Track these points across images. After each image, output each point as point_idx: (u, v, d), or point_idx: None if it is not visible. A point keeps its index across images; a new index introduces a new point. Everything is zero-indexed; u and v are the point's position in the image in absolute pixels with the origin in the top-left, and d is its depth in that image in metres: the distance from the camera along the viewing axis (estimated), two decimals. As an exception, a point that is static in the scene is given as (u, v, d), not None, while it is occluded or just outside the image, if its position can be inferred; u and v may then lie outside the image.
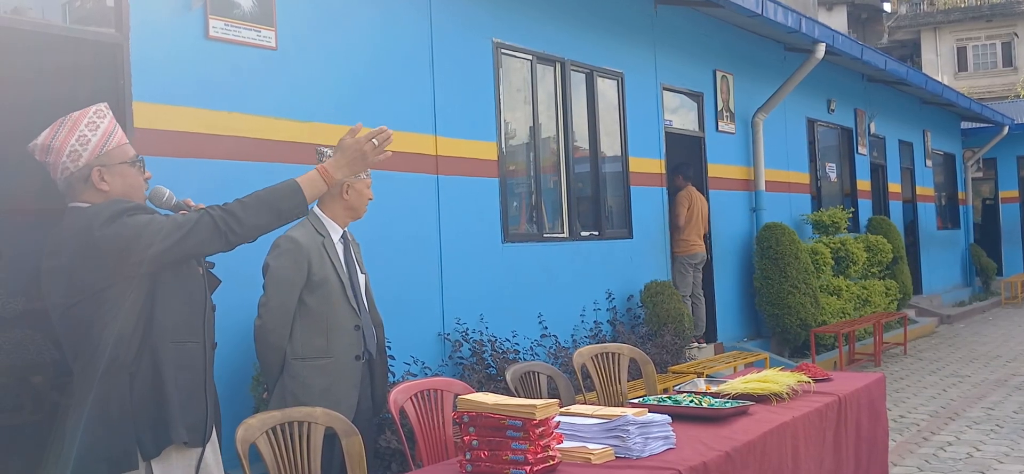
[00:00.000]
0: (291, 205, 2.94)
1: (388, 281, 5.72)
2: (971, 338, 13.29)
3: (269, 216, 2.91)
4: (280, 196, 2.92)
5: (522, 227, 7.74)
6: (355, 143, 2.98)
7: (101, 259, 2.70)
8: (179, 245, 2.78)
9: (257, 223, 2.88)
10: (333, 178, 2.98)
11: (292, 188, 2.95)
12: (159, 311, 2.78)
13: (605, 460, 3.00)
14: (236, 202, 2.87)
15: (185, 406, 2.80)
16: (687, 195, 9.62)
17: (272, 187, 2.94)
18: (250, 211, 2.86)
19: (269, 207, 2.90)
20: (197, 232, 2.80)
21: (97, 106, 2.91)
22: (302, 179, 2.96)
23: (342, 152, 2.99)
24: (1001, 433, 7.02)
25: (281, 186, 2.94)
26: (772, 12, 9.76)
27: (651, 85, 9.35)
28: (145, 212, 2.83)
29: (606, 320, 8.28)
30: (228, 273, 3.27)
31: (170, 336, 2.79)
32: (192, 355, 2.86)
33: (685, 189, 9.69)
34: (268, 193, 2.91)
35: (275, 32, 5.56)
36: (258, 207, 2.88)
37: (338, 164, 2.99)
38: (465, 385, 4.24)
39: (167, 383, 2.75)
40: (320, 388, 3.86)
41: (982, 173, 21.85)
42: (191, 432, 2.80)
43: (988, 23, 41.76)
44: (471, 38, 7.13)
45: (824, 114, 13.18)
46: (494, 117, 7.28)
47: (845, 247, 11.73)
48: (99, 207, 2.76)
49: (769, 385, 4.05)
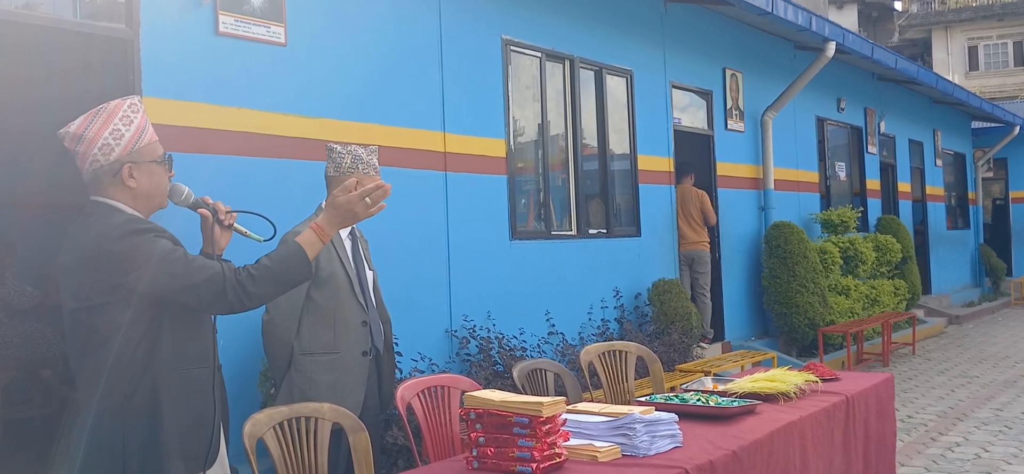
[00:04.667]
0: (299, 275, 2.87)
1: (396, 278, 5.73)
2: (980, 339, 13.24)
3: (276, 287, 2.84)
4: (290, 268, 2.83)
5: (530, 224, 7.74)
6: (347, 200, 2.87)
7: (103, 273, 2.64)
8: (182, 293, 2.69)
9: (264, 295, 2.80)
10: (327, 235, 2.90)
11: (300, 258, 2.84)
12: (166, 339, 2.71)
13: (611, 458, 3.00)
14: (247, 273, 2.76)
15: (186, 438, 2.73)
16: (678, 191, 9.59)
17: (283, 256, 2.83)
18: (261, 284, 2.77)
19: (278, 279, 2.81)
20: (205, 289, 2.70)
21: (131, 99, 2.83)
22: (304, 242, 2.86)
23: (334, 209, 2.88)
24: (1010, 434, 7.00)
25: (290, 255, 2.83)
26: (782, 10, 9.73)
27: (660, 83, 9.34)
28: (165, 236, 2.74)
29: (613, 318, 8.27)
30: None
31: (176, 364, 2.72)
32: (199, 382, 2.79)
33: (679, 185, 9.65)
34: (279, 264, 2.81)
35: (285, 28, 5.57)
36: (268, 279, 2.78)
37: (330, 220, 2.89)
38: (472, 382, 4.24)
39: (165, 415, 2.68)
40: (327, 384, 3.87)
41: (992, 173, 21.75)
42: (191, 461, 2.74)
43: (1000, 22, 41.54)
44: (480, 35, 7.13)
45: (834, 113, 13.14)
46: (503, 114, 7.28)
47: (854, 246, 11.69)
48: (120, 218, 2.69)
49: (777, 384, 4.04)
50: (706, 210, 9.64)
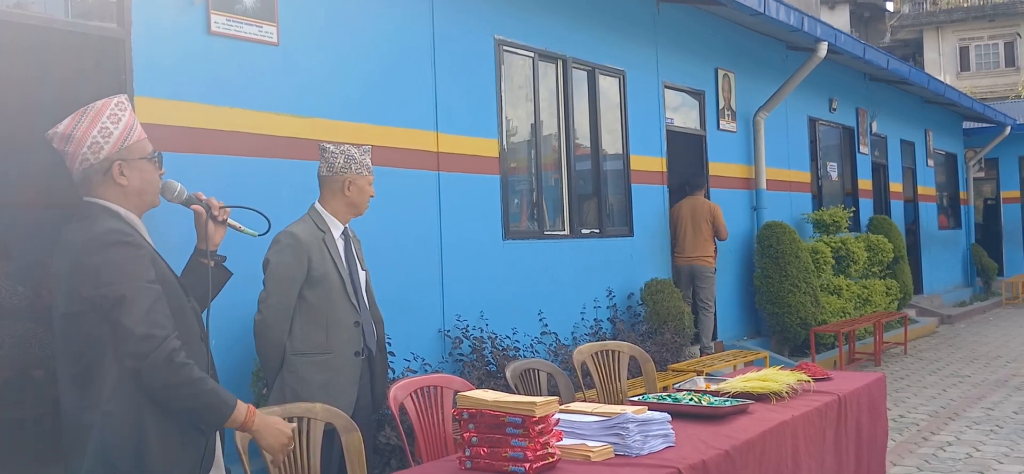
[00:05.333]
0: (210, 416, 2.73)
1: (389, 278, 5.73)
2: (972, 338, 13.29)
3: (188, 410, 2.68)
4: (210, 406, 2.69)
5: (523, 224, 7.75)
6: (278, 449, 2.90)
7: (77, 283, 2.59)
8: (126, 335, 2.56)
9: (179, 405, 2.65)
10: (249, 425, 2.80)
11: (224, 407, 2.72)
12: None
13: (604, 458, 3.01)
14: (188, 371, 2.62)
15: (174, 452, 2.65)
16: (688, 203, 9.54)
17: (217, 391, 2.70)
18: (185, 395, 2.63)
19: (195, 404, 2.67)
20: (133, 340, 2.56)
21: (118, 98, 2.82)
22: (240, 412, 2.75)
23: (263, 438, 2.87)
24: (1001, 433, 7.03)
25: (220, 398, 2.71)
26: (774, 10, 9.75)
27: (653, 83, 9.35)
28: (143, 263, 2.64)
29: (606, 318, 8.28)
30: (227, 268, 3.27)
31: None
32: None
33: (691, 196, 9.60)
34: (208, 396, 2.67)
35: (277, 28, 5.56)
36: (191, 397, 2.64)
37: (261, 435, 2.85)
38: (465, 382, 4.24)
39: (150, 430, 2.61)
40: (319, 384, 3.87)
41: (984, 173, 21.84)
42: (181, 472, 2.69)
43: (991, 23, 41.72)
44: (473, 34, 7.13)
45: (826, 113, 13.17)
46: (496, 114, 7.28)
47: (846, 246, 11.72)
48: (103, 228, 2.65)
49: (769, 384, 4.05)
50: (718, 224, 9.47)
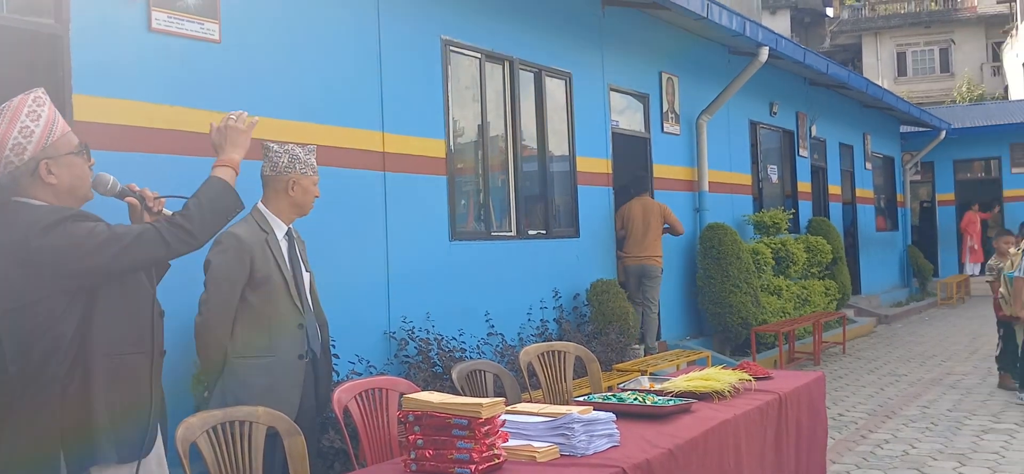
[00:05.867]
0: (230, 204, 3.01)
1: (334, 279, 5.67)
2: (908, 338, 13.61)
3: (216, 218, 2.95)
4: (219, 196, 2.97)
5: (470, 225, 7.74)
6: (220, 131, 3.17)
7: (35, 270, 2.60)
8: (118, 259, 2.70)
9: (206, 230, 2.90)
10: (237, 163, 3.14)
11: (225, 187, 3.00)
12: (98, 323, 2.70)
13: (550, 458, 3.02)
14: (180, 215, 2.85)
15: (118, 423, 2.71)
16: (638, 204, 9.61)
17: (206, 192, 2.96)
18: (196, 221, 2.85)
19: (214, 210, 2.93)
20: (138, 247, 2.74)
21: (35, 93, 2.78)
22: (223, 174, 3.04)
23: (222, 140, 3.16)
24: (936, 431, 7.21)
25: (212, 189, 2.97)
26: (717, 15, 9.89)
27: (598, 85, 9.42)
28: (87, 219, 2.74)
29: (553, 318, 8.31)
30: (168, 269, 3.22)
31: (107, 349, 2.71)
32: (133, 368, 2.77)
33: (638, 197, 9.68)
34: (206, 198, 2.92)
35: (219, 25, 5.48)
36: (202, 215, 2.87)
37: (227, 150, 3.14)
38: (411, 384, 4.23)
39: (96, 400, 2.67)
40: (262, 387, 3.81)
41: (920, 176, 22.42)
42: (124, 448, 2.71)
43: (927, 29, 42.86)
44: (420, 34, 7.10)
45: (766, 117, 13.39)
46: (442, 114, 7.26)
47: (785, 247, 11.93)
48: (39, 213, 2.66)
49: (712, 383, 4.11)
50: (673, 222, 9.60)
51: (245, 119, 3.22)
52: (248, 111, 5.57)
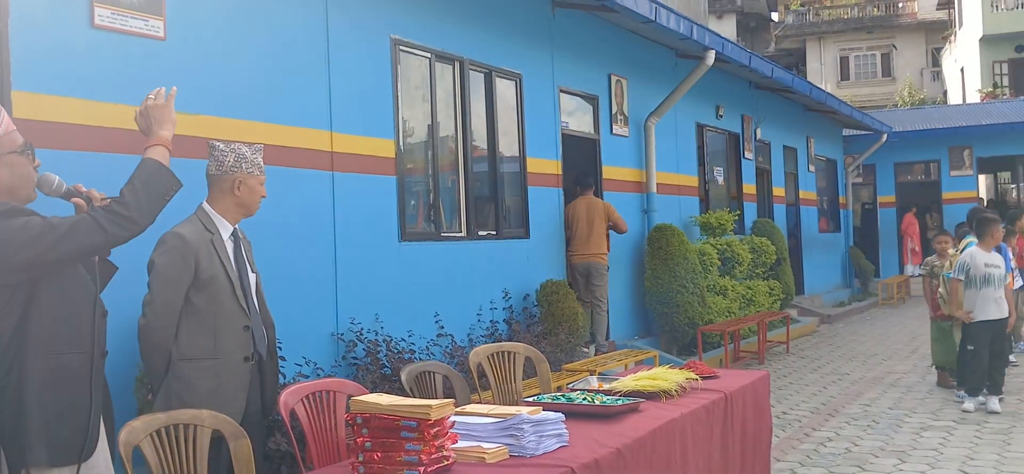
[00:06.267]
0: (166, 185, 2.96)
1: (280, 280, 5.62)
2: (850, 337, 13.88)
3: (154, 200, 2.89)
4: (154, 177, 2.91)
5: (419, 226, 7.71)
6: (144, 114, 3.11)
7: None
8: (54, 249, 2.65)
9: (145, 214, 2.83)
10: (168, 140, 3.09)
11: (157, 167, 2.95)
12: (35, 323, 2.65)
13: (499, 459, 3.03)
14: (116, 201, 2.79)
15: (51, 425, 2.65)
16: (582, 202, 9.67)
17: (140, 175, 2.91)
18: (133, 206, 2.79)
19: (151, 193, 2.87)
20: (74, 235, 2.68)
21: None
22: (155, 155, 3.01)
23: (148, 122, 3.11)
24: (877, 428, 7.36)
25: (145, 172, 2.92)
26: (665, 19, 9.99)
27: (548, 87, 9.45)
28: (21, 214, 2.68)
29: (502, 319, 8.33)
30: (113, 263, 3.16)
31: (43, 348, 2.65)
32: (70, 368, 2.71)
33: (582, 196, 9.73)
34: (140, 181, 2.87)
35: (164, 22, 5.39)
36: (138, 199, 2.81)
37: (154, 129, 3.09)
38: (358, 386, 4.20)
39: (29, 400, 2.62)
40: (207, 390, 3.76)
41: (862, 179, 22.90)
42: (57, 452, 2.66)
43: (869, 34, 43.78)
44: (369, 33, 7.06)
45: (713, 119, 13.56)
46: (392, 114, 7.23)
47: (731, 248, 12.09)
48: None
49: (659, 382, 4.15)
50: (616, 220, 9.68)
51: (163, 93, 3.17)
52: (193, 108, 5.52)
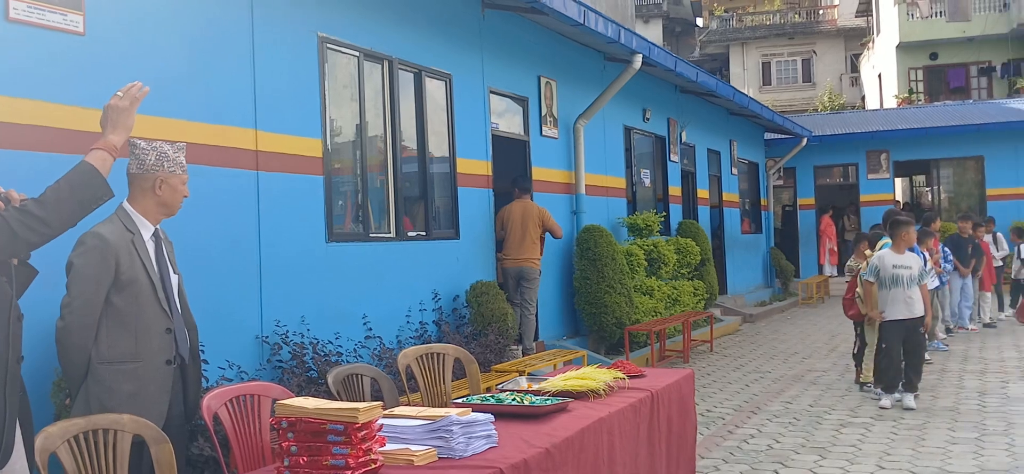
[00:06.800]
0: (94, 192, 2.91)
1: (203, 282, 5.51)
2: (771, 336, 14.20)
3: (73, 208, 2.84)
4: (80, 185, 2.86)
5: (347, 226, 7.64)
6: (107, 108, 3.10)
7: None
8: None
9: (63, 218, 2.76)
10: (115, 145, 3.07)
11: (90, 172, 2.90)
12: None
13: (428, 461, 3.02)
14: (34, 201, 2.72)
15: None
16: (518, 206, 9.66)
17: (71, 178, 2.85)
18: (50, 208, 2.71)
19: (71, 199, 2.80)
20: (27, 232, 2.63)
21: None
22: (93, 159, 2.96)
23: (107, 121, 3.10)
24: (797, 426, 7.54)
25: (77, 174, 2.87)
26: (593, 22, 10.08)
27: (478, 88, 9.46)
28: None
29: (432, 320, 8.29)
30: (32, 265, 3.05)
31: None
32: None
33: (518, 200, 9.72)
34: (66, 185, 2.81)
35: (83, 17, 5.23)
36: (59, 202, 2.73)
37: (107, 132, 3.07)
38: (284, 389, 4.15)
39: None
40: (127, 394, 3.66)
41: (783, 181, 23.47)
42: None
43: (790, 40, 44.91)
44: (295, 31, 6.96)
45: (640, 122, 13.74)
46: (319, 113, 7.14)
47: (657, 249, 12.26)
48: None
49: (587, 382, 4.19)
50: (551, 225, 9.70)
51: (131, 92, 3.14)
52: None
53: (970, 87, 34.01)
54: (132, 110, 3.10)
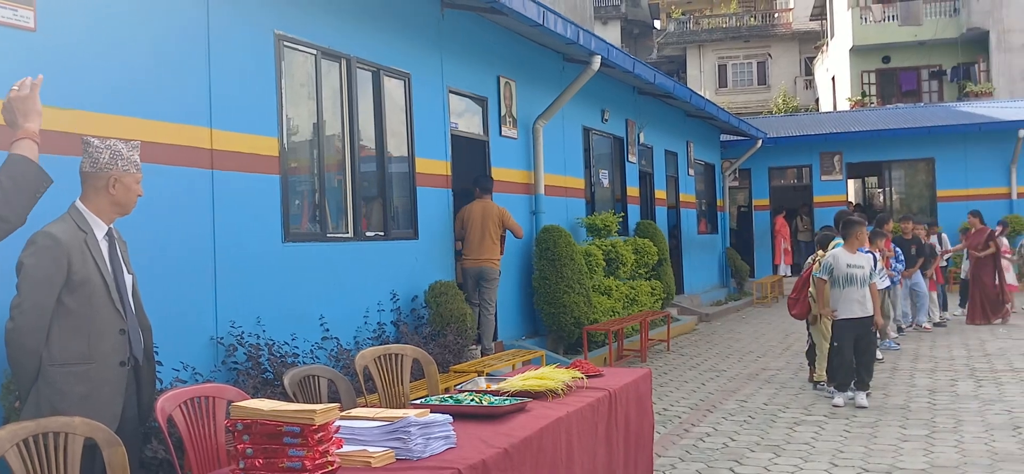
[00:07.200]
0: (36, 180, 2.92)
1: (157, 282, 5.43)
2: (727, 335, 14.35)
3: (24, 196, 2.88)
4: (21, 173, 2.91)
5: (304, 226, 7.58)
6: (8, 107, 3.07)
7: None
8: None
9: (18, 211, 2.76)
10: (35, 132, 3.04)
11: (25, 163, 2.91)
12: None
13: (385, 463, 3.01)
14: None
15: None
16: (478, 206, 9.63)
17: (8, 172, 2.87)
18: (2, 203, 2.68)
19: (20, 189, 2.80)
20: None
21: None
22: (23, 150, 2.96)
23: (12, 115, 3.07)
24: (753, 424, 7.63)
25: (14, 167, 2.89)
26: (552, 23, 10.11)
27: (438, 87, 9.43)
28: None
29: (390, 321, 8.26)
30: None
31: None
32: None
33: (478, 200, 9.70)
34: (8, 179, 2.84)
35: (34, 12, 5.13)
36: (6, 193, 2.74)
37: (19, 122, 3.06)
38: (239, 391, 4.10)
39: None
40: (80, 396, 3.60)
41: (738, 182, 23.74)
42: None
43: (746, 44, 45.43)
44: (251, 28, 6.89)
45: (598, 123, 13.81)
46: (276, 112, 7.07)
47: (615, 249, 12.33)
48: None
49: (546, 382, 4.21)
50: (512, 227, 9.71)
51: (27, 82, 3.11)
52: (65, 103, 5.28)
53: (921, 90, 34.68)
54: (35, 96, 3.08)
